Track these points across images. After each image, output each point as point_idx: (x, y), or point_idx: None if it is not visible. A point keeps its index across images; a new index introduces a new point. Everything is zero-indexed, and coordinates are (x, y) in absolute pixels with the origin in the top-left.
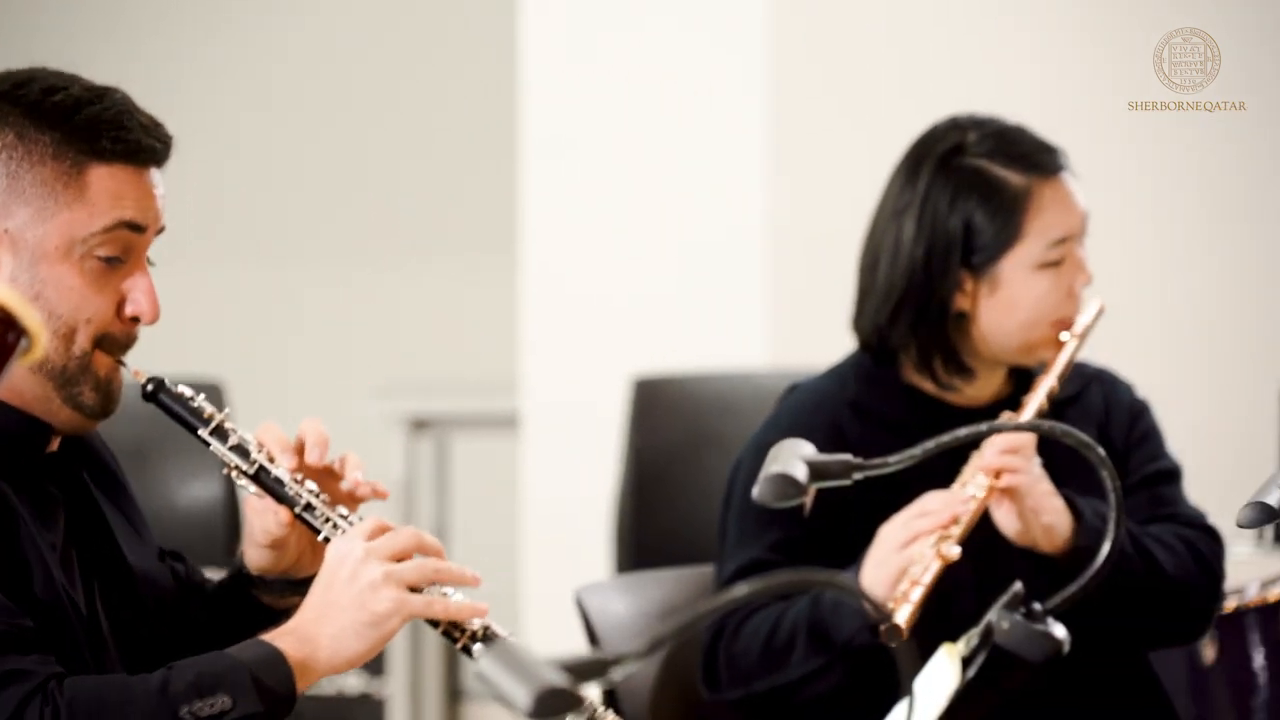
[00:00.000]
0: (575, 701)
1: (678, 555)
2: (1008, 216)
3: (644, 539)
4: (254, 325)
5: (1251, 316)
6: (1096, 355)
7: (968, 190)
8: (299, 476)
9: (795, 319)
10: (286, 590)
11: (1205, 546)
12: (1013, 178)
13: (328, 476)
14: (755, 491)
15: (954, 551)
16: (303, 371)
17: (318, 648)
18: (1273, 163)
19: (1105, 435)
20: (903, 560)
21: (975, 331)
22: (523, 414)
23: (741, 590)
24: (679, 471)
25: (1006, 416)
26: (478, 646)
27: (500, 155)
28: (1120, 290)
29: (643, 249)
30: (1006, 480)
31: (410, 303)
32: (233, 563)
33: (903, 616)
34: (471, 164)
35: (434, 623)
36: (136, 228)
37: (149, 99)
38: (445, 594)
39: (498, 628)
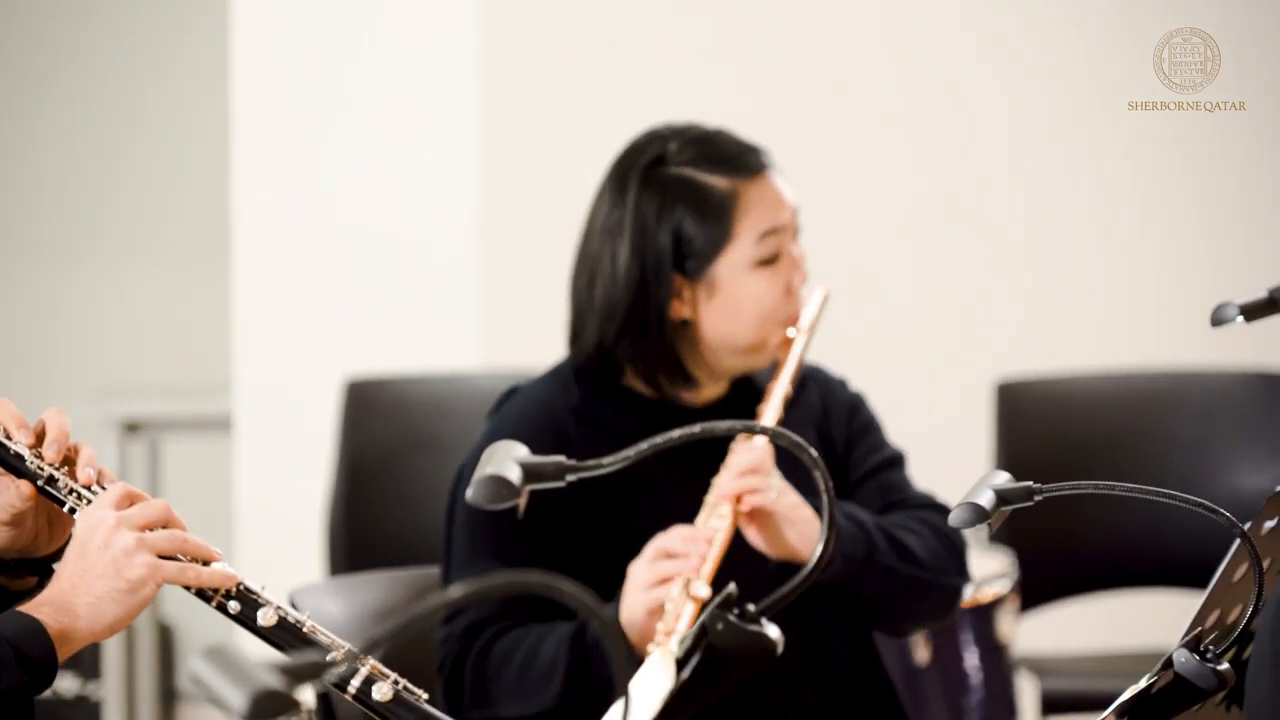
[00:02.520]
0: (290, 704)
1: (391, 557)
2: (716, 220)
3: (357, 541)
4: None
5: (966, 314)
6: (819, 350)
7: (673, 200)
8: (38, 452)
9: (507, 321)
10: (23, 570)
11: (944, 525)
12: (717, 182)
13: (63, 466)
14: (469, 494)
15: (703, 592)
16: (13, 373)
17: (76, 617)
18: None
19: (825, 435)
20: (650, 600)
21: (700, 338)
22: (236, 417)
23: (457, 592)
24: (392, 473)
25: (726, 423)
26: (232, 603)
27: (212, 158)
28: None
29: (355, 252)
30: (749, 502)
31: (122, 306)
32: None
33: None
34: (184, 167)
35: (186, 585)
36: None
37: None
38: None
39: (251, 584)
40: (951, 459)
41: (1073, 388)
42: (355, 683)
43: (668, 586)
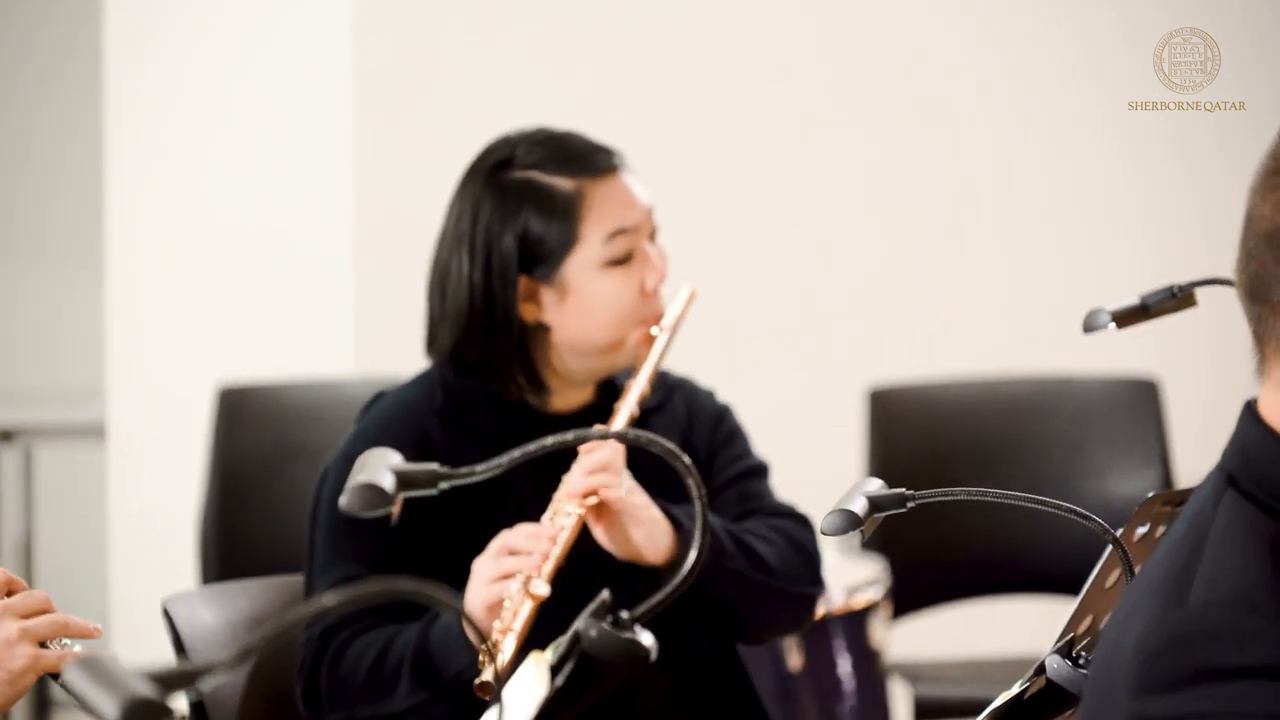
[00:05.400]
0: (163, 712)
1: (264, 565)
2: (562, 221)
3: (230, 548)
4: None
5: (837, 319)
6: (689, 358)
7: (518, 202)
8: None
9: (380, 328)
10: None
11: (799, 533)
12: (562, 183)
13: None
14: (343, 501)
15: (543, 590)
16: None
17: None
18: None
19: (689, 444)
20: (489, 595)
21: (556, 341)
22: (109, 424)
23: (329, 600)
24: (265, 480)
25: (598, 429)
26: None
27: (86, 163)
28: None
29: (229, 258)
30: (597, 498)
31: None
32: None
33: (500, 664)
34: (57, 171)
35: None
36: None
37: None
38: (70, 646)
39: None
40: (824, 465)
41: (945, 394)
42: None
43: (507, 583)
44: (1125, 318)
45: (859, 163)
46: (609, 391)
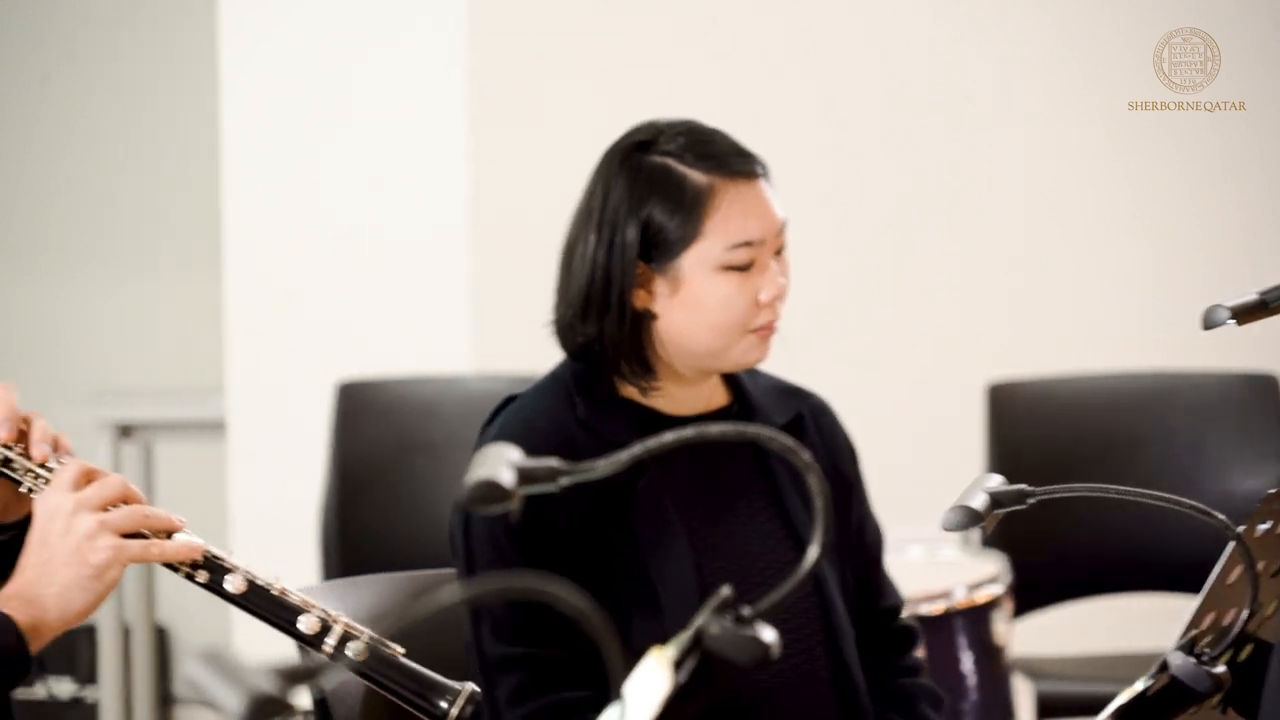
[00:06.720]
0: (286, 708)
1: (385, 560)
2: (687, 214)
3: (351, 544)
4: None
5: (958, 315)
6: (810, 355)
7: (648, 186)
8: None
9: (499, 323)
10: None
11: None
12: (696, 175)
13: (17, 443)
14: (461, 498)
15: None
16: (10, 378)
17: (45, 608)
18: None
19: (835, 468)
20: None
21: (660, 331)
22: (229, 420)
23: (454, 593)
24: (385, 476)
25: (718, 426)
26: (200, 573)
27: (204, 164)
28: (830, 289)
29: (346, 254)
30: None
31: (116, 310)
32: None
33: None
34: (176, 173)
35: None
36: None
37: None
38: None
39: (217, 551)
40: (944, 461)
41: (1065, 389)
42: (330, 641)
43: None
44: (1244, 314)
45: (981, 157)
46: (740, 397)
